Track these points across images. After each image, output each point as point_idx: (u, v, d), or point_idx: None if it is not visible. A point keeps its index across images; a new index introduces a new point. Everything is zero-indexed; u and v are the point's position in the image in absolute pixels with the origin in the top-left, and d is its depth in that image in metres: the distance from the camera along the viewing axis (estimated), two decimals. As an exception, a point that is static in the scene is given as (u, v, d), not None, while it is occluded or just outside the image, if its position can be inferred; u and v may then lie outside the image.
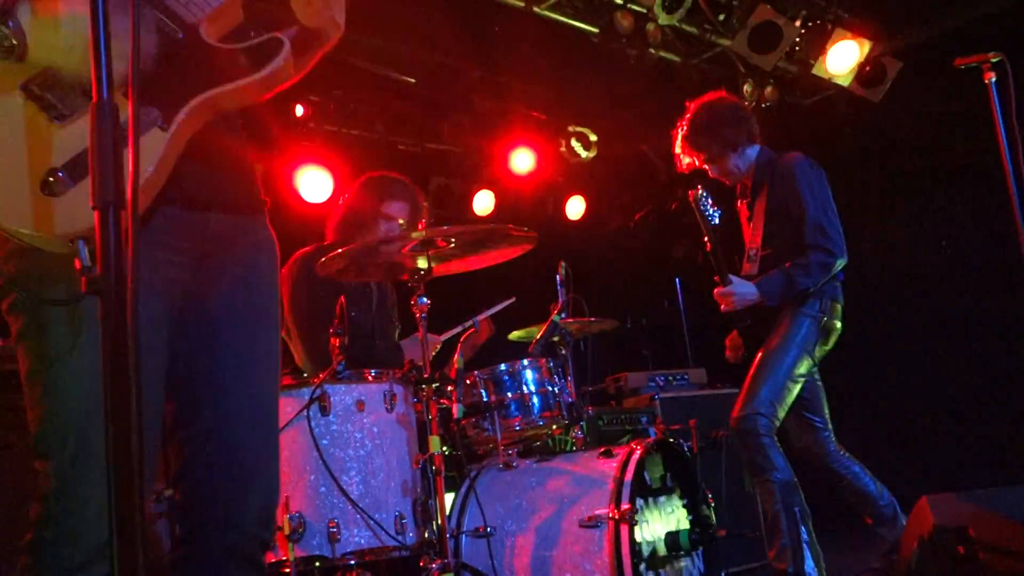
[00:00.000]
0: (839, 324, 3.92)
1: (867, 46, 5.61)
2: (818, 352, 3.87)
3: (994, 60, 3.61)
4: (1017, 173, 3.51)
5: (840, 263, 3.83)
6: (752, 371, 3.83)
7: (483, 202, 6.94)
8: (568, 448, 3.84)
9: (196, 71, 1.60)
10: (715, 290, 3.92)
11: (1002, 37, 5.23)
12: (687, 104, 4.13)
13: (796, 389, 3.80)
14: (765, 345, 3.85)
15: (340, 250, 2.87)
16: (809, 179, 3.92)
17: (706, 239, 3.88)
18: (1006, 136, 3.57)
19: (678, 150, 4.15)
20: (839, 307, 3.93)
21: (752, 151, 4.08)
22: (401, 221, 3.72)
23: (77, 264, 1.20)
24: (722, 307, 3.93)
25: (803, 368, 3.80)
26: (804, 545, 3.56)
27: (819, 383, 4.08)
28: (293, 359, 3.62)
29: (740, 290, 3.85)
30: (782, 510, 3.59)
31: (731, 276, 3.87)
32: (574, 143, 6.90)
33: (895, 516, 3.98)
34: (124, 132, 1.12)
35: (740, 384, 3.96)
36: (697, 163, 4.14)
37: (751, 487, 3.78)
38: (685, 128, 4.07)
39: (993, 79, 3.57)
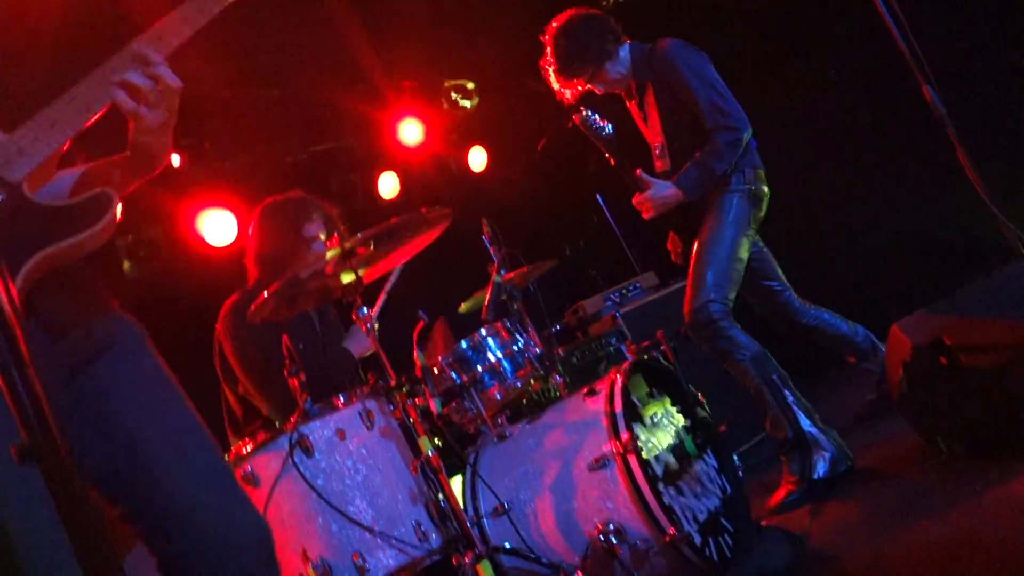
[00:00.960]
0: (766, 188, 3.95)
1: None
2: (753, 223, 3.90)
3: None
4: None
5: (747, 134, 3.85)
6: (693, 261, 3.84)
7: (387, 185, 6.81)
8: (553, 396, 3.86)
9: (28, 231, 1.62)
10: (633, 199, 3.92)
11: None
12: (542, 39, 4.05)
13: (742, 267, 3.83)
14: (700, 233, 3.86)
15: (264, 295, 2.80)
16: (688, 62, 3.90)
17: (608, 155, 3.87)
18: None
19: (556, 86, 4.09)
20: (761, 172, 3.96)
21: (624, 51, 4.03)
22: (322, 236, 3.66)
23: None
24: (644, 215, 3.93)
25: (745, 245, 3.83)
26: (793, 407, 3.64)
27: (765, 249, 4.14)
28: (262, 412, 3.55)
29: (660, 193, 3.85)
30: (762, 383, 3.66)
31: (647, 179, 3.86)
32: (455, 96, 6.80)
33: (874, 347, 4.10)
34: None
35: (682, 275, 3.97)
36: (581, 88, 4.10)
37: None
38: (552, 63, 4.01)
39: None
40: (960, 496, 2.79)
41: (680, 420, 3.19)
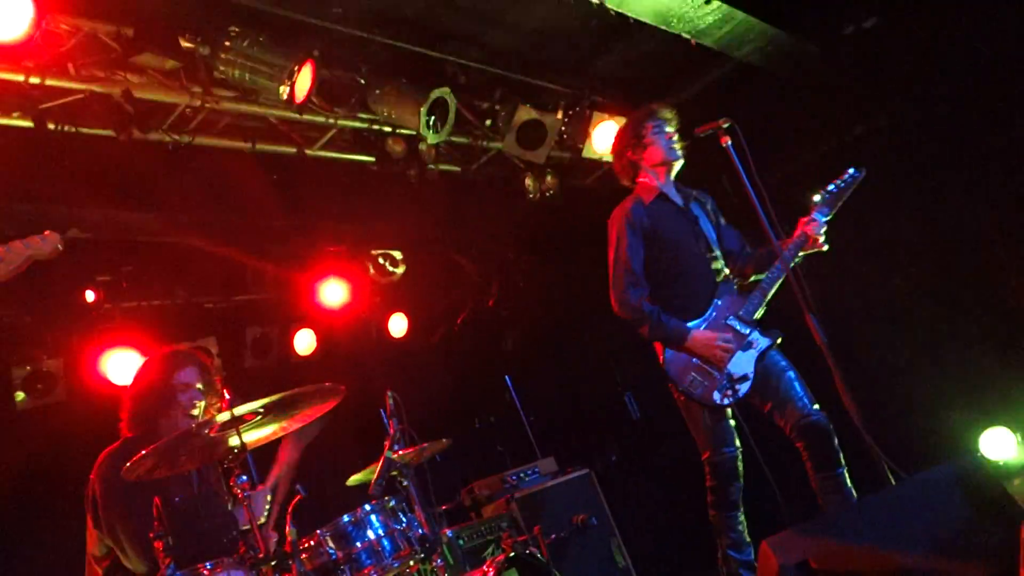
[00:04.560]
0: None
1: (625, 122, 6.03)
2: None
3: (725, 126, 4.00)
4: (770, 220, 3.87)
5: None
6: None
7: (304, 341, 6.85)
8: (431, 579, 3.78)
9: None
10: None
11: (732, 98, 5.84)
12: None
13: None
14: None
15: (144, 452, 2.77)
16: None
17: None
18: (752, 190, 3.94)
19: None
20: None
21: None
22: (199, 386, 3.65)
23: None
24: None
25: None
26: None
27: None
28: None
29: None
30: None
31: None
32: (382, 262, 6.97)
33: None
34: None
35: (581, 463, 3.94)
36: None
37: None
38: None
39: (729, 142, 3.96)
40: None
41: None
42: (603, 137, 5.97)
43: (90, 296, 5.59)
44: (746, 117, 4.04)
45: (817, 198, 4.14)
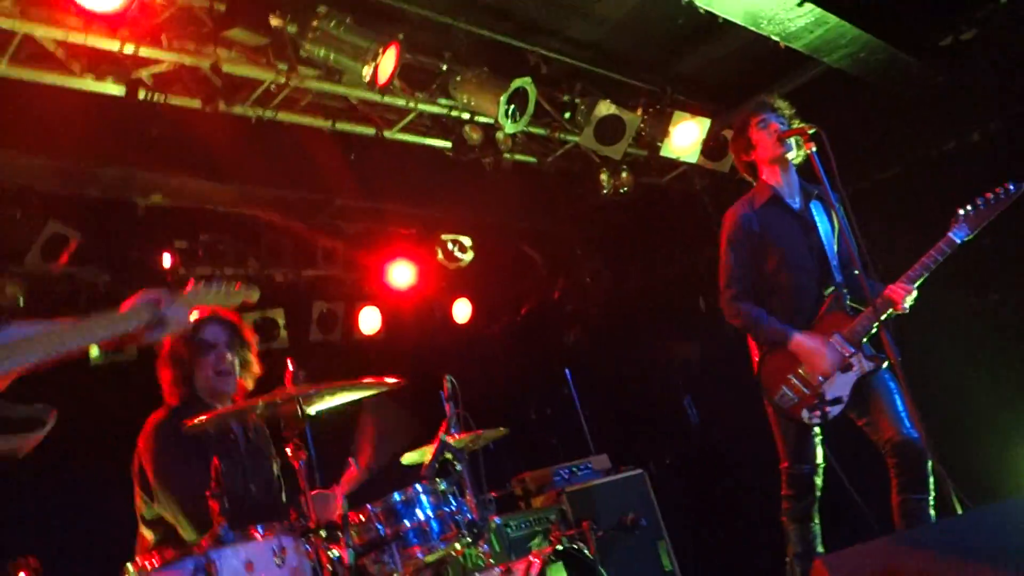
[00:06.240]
0: None
1: (706, 123, 5.95)
2: None
3: (811, 132, 3.89)
4: (851, 225, 3.74)
5: None
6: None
7: (369, 320, 6.94)
8: (477, 564, 3.79)
9: None
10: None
11: (823, 101, 5.68)
12: None
13: None
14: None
15: (206, 417, 2.83)
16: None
17: None
18: (834, 196, 3.83)
19: None
20: None
21: None
22: (226, 342, 3.66)
23: None
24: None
25: None
26: None
27: None
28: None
29: None
30: None
31: None
32: (451, 247, 7.02)
33: None
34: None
35: (634, 464, 3.84)
36: None
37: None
38: None
39: (813, 149, 3.84)
40: None
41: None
42: (682, 136, 5.90)
43: (167, 261, 5.75)
44: (833, 124, 3.93)
45: (961, 212, 3.85)
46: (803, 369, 3.89)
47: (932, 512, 3.71)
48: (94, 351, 5.79)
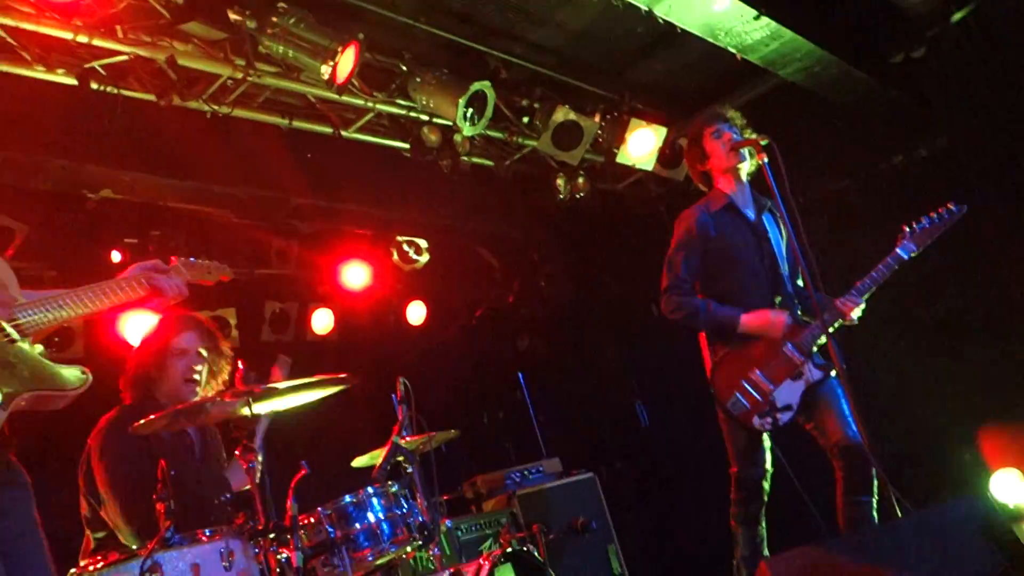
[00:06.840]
0: None
1: (663, 132, 6.01)
2: None
3: (763, 143, 3.96)
4: (800, 244, 3.82)
5: None
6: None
7: (322, 320, 6.88)
8: (427, 568, 3.79)
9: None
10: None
11: (777, 113, 5.79)
12: None
13: None
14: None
15: (154, 416, 2.79)
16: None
17: None
18: (783, 207, 3.90)
19: None
20: None
21: None
22: (201, 351, 3.64)
23: None
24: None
25: None
26: None
27: None
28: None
29: None
30: None
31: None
32: (407, 249, 6.99)
33: None
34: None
35: (586, 467, 3.86)
36: None
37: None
38: None
39: (765, 160, 3.91)
40: None
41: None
42: (638, 144, 5.95)
43: (116, 257, 5.63)
44: (787, 136, 4.00)
45: (907, 229, 3.99)
46: (759, 352, 3.95)
47: (875, 515, 3.81)
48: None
